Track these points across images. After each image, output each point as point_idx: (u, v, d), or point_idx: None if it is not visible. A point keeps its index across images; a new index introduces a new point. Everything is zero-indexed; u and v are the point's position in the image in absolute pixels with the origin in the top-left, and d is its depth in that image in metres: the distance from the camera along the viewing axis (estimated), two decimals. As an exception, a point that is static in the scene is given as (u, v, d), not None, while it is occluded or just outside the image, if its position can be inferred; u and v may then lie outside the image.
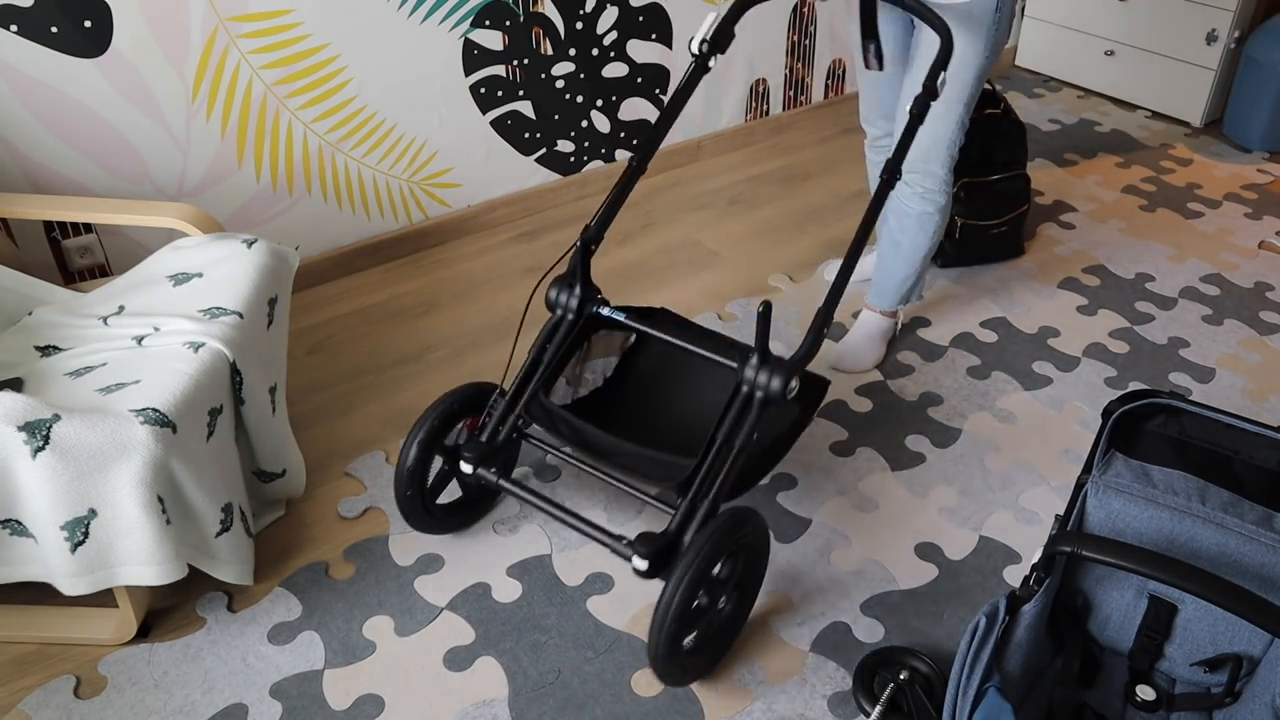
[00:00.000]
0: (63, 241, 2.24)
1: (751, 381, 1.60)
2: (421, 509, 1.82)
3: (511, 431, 1.76)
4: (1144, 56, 3.62)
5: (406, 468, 1.76)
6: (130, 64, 2.16)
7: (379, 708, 1.61)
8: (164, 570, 1.55)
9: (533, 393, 1.75)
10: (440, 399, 1.78)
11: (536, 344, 1.79)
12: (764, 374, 1.59)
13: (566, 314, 1.79)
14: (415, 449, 1.75)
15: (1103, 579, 1.58)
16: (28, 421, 1.43)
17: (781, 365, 1.59)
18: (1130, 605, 1.57)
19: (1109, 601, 1.58)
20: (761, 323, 1.55)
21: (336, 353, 2.42)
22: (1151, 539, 1.50)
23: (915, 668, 1.63)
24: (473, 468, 1.71)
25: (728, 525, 1.52)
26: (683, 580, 1.47)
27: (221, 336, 1.67)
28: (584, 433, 1.68)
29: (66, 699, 1.62)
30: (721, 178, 3.21)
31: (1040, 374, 2.37)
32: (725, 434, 1.59)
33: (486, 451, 1.71)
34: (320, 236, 2.63)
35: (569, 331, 1.79)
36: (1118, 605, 1.58)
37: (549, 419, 1.74)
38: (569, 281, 1.79)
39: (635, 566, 1.53)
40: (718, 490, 1.57)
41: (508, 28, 2.68)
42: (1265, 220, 3.03)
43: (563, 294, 1.79)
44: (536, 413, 1.75)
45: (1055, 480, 2.06)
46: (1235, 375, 2.38)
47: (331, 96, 2.46)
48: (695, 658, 1.61)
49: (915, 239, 2.27)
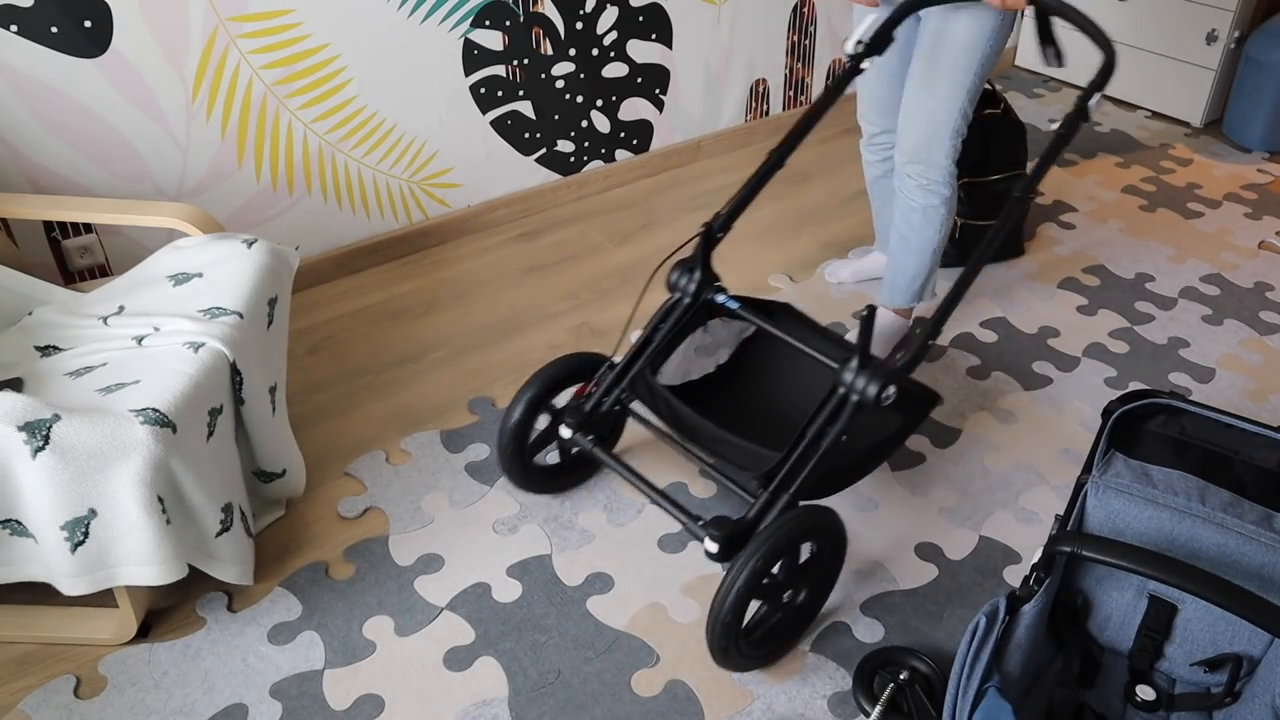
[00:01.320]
0: (63, 241, 2.24)
1: (848, 384, 1.61)
2: (520, 465, 1.89)
3: (615, 404, 1.82)
4: (1144, 56, 3.62)
5: (512, 422, 1.83)
6: (130, 64, 2.16)
7: (379, 708, 1.61)
8: (164, 570, 1.55)
9: (640, 369, 1.81)
10: (551, 363, 1.86)
11: (651, 323, 1.84)
12: (861, 378, 1.59)
13: (684, 297, 1.84)
14: (522, 406, 1.82)
15: (1103, 579, 1.58)
16: (28, 421, 1.43)
17: (880, 371, 1.59)
18: (1130, 605, 1.57)
19: (1109, 601, 1.58)
20: (865, 326, 1.56)
21: (336, 353, 2.42)
22: (1151, 539, 1.50)
23: (915, 668, 1.63)
24: (571, 431, 1.79)
25: (801, 521, 1.55)
26: (745, 567, 1.50)
27: (221, 336, 1.67)
28: (680, 414, 1.74)
29: (66, 699, 1.62)
30: (721, 178, 3.21)
31: (1040, 374, 2.37)
32: (815, 432, 1.61)
33: (586, 419, 1.79)
34: (320, 236, 2.63)
35: (684, 314, 1.84)
36: (1118, 605, 1.58)
37: (651, 396, 1.79)
38: (690, 266, 1.84)
39: (706, 549, 1.58)
40: (799, 486, 1.60)
41: (508, 28, 2.68)
42: (1265, 220, 3.03)
43: (683, 277, 1.84)
44: (640, 389, 1.81)
45: (1055, 480, 2.06)
46: (1235, 375, 2.38)
47: (331, 96, 2.46)
48: (759, 647, 1.65)
49: (922, 233, 2.25)
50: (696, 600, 1.79)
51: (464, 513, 1.96)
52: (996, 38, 2.03)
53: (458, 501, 1.98)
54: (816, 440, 1.61)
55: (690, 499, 2.01)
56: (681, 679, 1.66)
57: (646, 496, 1.70)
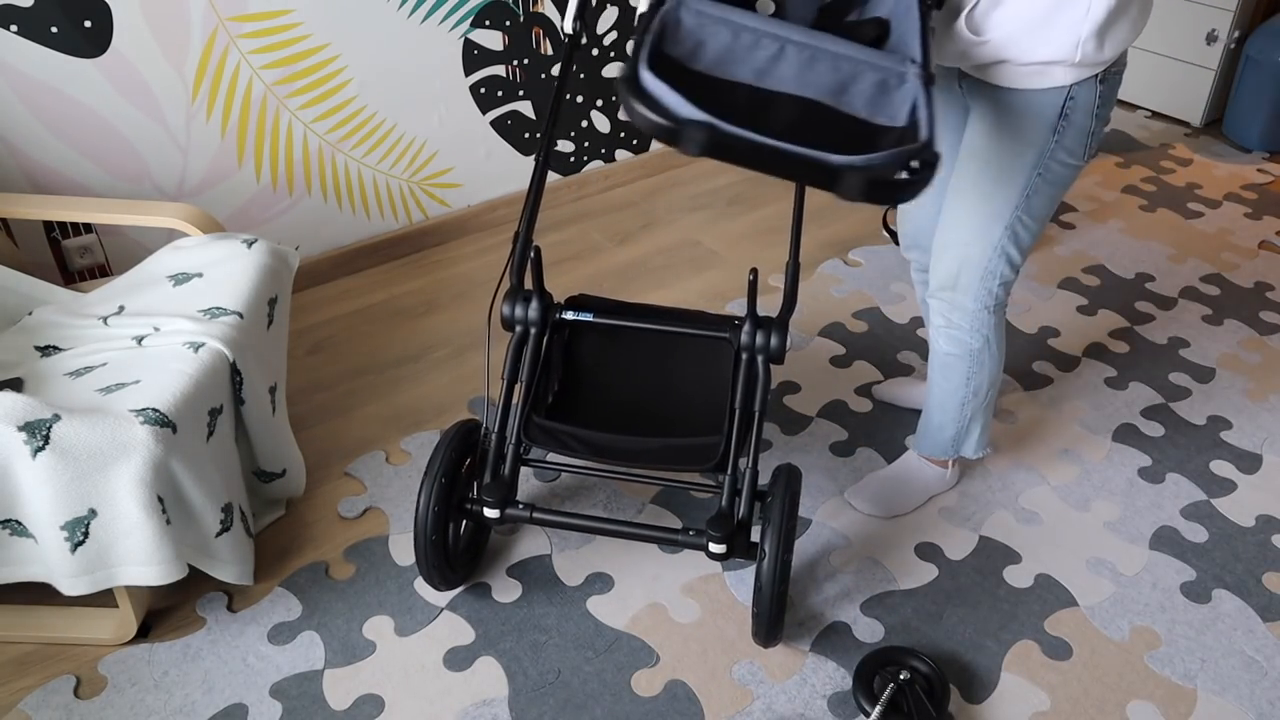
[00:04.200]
0: (63, 241, 2.24)
1: (750, 346, 1.65)
2: (448, 569, 1.72)
3: (514, 461, 1.67)
4: (1144, 56, 3.62)
5: (430, 534, 1.62)
6: (130, 64, 2.16)
7: (379, 708, 1.61)
8: (164, 570, 1.55)
9: (526, 416, 1.67)
10: (434, 457, 1.64)
11: (507, 366, 1.68)
12: (760, 336, 1.65)
13: (529, 327, 1.69)
14: (431, 518, 1.62)
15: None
16: (28, 421, 1.43)
17: (774, 324, 1.66)
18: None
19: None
20: (751, 290, 1.62)
21: (336, 353, 2.42)
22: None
23: (915, 668, 1.63)
24: (499, 511, 1.63)
25: (789, 480, 1.61)
26: (779, 540, 1.54)
27: (221, 336, 1.67)
28: (598, 441, 1.63)
29: (66, 699, 1.61)
30: (721, 178, 3.21)
31: (1040, 374, 2.37)
32: (742, 400, 1.64)
33: (506, 492, 1.63)
34: (320, 236, 2.63)
35: (538, 345, 1.70)
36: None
37: (551, 438, 1.65)
38: (525, 295, 1.69)
39: (712, 552, 1.58)
40: (754, 457, 1.63)
41: (508, 28, 2.68)
42: (1265, 220, 3.03)
43: (519, 308, 1.69)
44: (536, 435, 1.66)
45: (1055, 480, 2.06)
46: (1235, 375, 2.38)
47: (331, 96, 2.46)
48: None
49: (943, 385, 1.87)
50: (696, 600, 1.79)
51: (464, 513, 1.96)
52: (1050, 161, 1.58)
53: (458, 501, 1.98)
54: (746, 409, 1.65)
55: (604, 514, 2.01)
56: (681, 679, 1.66)
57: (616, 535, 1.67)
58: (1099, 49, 1.48)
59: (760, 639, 1.66)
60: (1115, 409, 2.26)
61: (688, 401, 1.83)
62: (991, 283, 1.72)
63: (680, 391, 1.85)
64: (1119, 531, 1.94)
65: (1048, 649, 1.72)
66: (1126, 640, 1.73)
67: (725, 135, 1.18)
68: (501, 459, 1.67)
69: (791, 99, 1.40)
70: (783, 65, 1.41)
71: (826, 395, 2.29)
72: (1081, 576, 1.85)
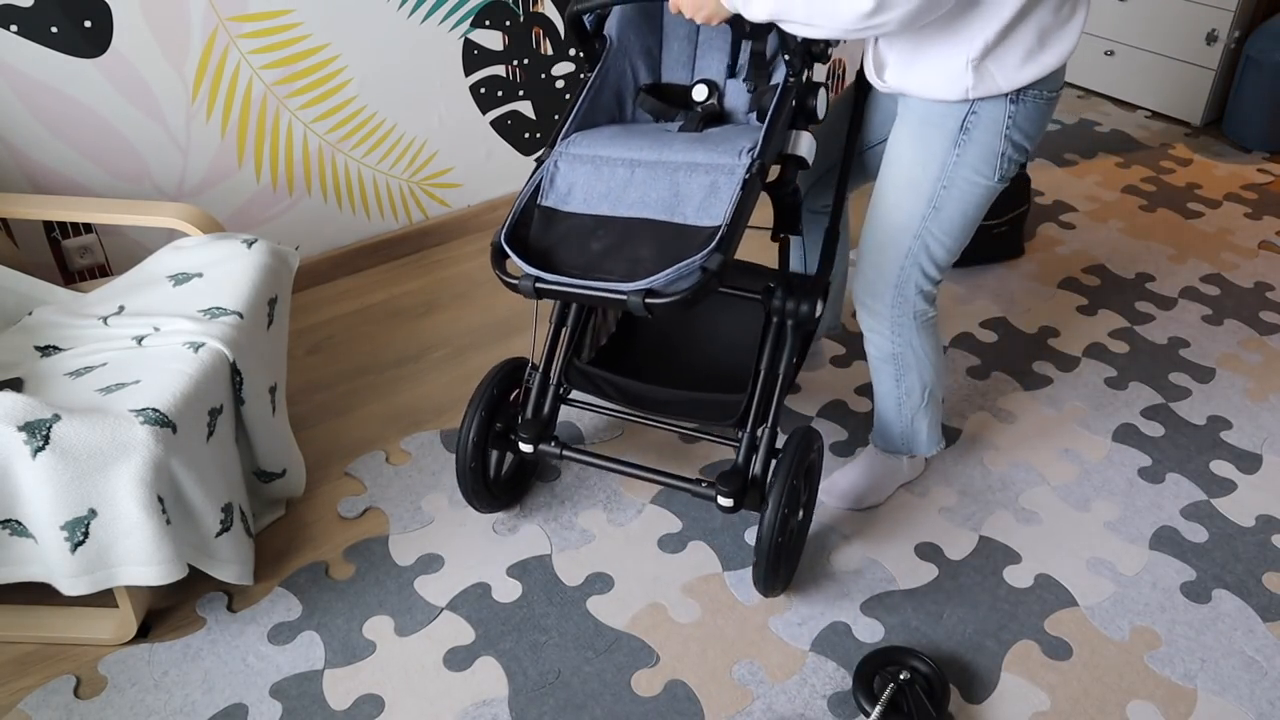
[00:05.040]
0: (63, 241, 2.24)
1: (781, 311, 1.71)
2: (487, 494, 1.86)
3: (554, 401, 1.82)
4: (1144, 56, 3.62)
5: (469, 452, 1.77)
6: (130, 64, 2.16)
7: (379, 708, 1.61)
8: (164, 570, 1.55)
9: (567, 359, 1.82)
10: (478, 390, 1.80)
11: (554, 314, 1.85)
12: (791, 301, 1.71)
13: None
14: (470, 447, 1.77)
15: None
16: (28, 421, 1.43)
17: (806, 290, 1.70)
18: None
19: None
20: (783, 253, 1.71)
21: (336, 353, 2.42)
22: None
23: (915, 668, 1.63)
24: (532, 446, 1.77)
25: (803, 443, 1.66)
26: (783, 493, 1.60)
27: (221, 336, 1.67)
28: (630, 389, 1.77)
29: (66, 699, 1.62)
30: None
31: (1040, 374, 2.37)
32: (767, 364, 1.71)
33: (540, 428, 1.78)
34: (320, 236, 2.63)
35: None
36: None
37: (589, 382, 1.81)
38: None
39: (720, 504, 1.67)
40: (774, 417, 1.70)
41: (508, 28, 2.68)
42: (1265, 220, 3.03)
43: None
44: (575, 378, 1.82)
45: (1055, 480, 2.06)
46: (1235, 375, 2.38)
47: (331, 96, 2.46)
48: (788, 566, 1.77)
49: (877, 386, 1.91)
50: (696, 600, 1.79)
51: (464, 512, 1.96)
52: (955, 174, 1.58)
53: (458, 501, 1.98)
54: (772, 370, 1.71)
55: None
56: (681, 679, 1.66)
57: (632, 476, 1.74)
58: (984, 77, 1.48)
59: (758, 587, 1.73)
60: (1115, 409, 2.26)
61: (723, 359, 1.95)
62: (907, 290, 1.72)
63: (718, 348, 1.98)
64: (1119, 531, 1.94)
65: (1048, 649, 1.72)
66: (1126, 640, 1.73)
67: (546, 283, 1.48)
68: (543, 398, 1.81)
69: (627, 222, 1.54)
70: (631, 189, 1.56)
71: (826, 395, 2.29)
72: (1081, 576, 1.85)
